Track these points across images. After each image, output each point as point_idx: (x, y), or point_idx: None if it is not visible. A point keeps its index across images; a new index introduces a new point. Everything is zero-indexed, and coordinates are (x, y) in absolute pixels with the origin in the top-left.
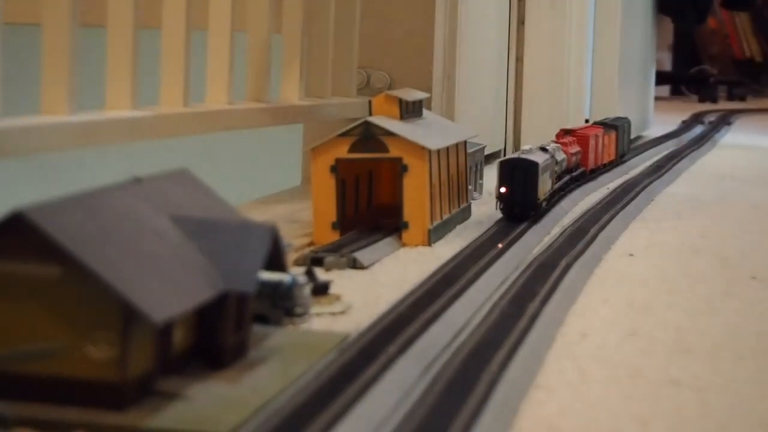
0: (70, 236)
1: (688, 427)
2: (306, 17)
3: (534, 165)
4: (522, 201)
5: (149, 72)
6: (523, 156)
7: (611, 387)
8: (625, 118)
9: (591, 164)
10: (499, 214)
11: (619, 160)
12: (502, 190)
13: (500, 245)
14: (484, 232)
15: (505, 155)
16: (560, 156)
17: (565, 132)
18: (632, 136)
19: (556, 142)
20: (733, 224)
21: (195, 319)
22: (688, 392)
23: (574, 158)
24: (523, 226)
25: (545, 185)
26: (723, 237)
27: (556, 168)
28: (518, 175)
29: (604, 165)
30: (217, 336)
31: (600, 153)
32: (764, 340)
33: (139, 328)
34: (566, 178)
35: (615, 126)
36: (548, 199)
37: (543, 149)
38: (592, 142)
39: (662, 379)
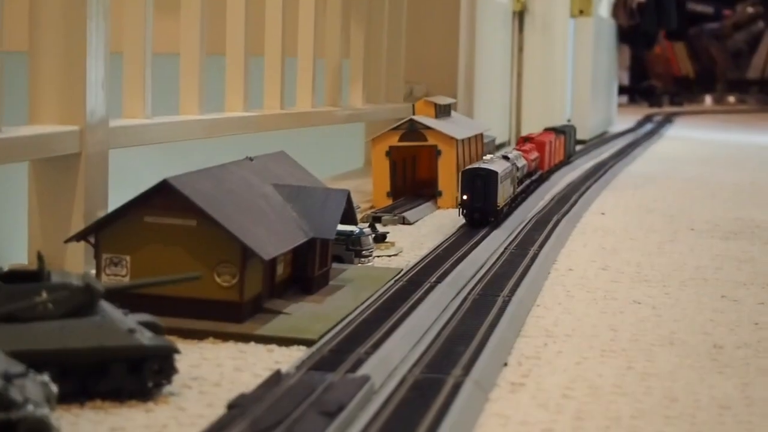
0: (203, 198)
1: (647, 334)
2: (366, 47)
3: (493, 174)
4: (482, 207)
5: (256, 85)
6: (484, 165)
7: (591, 305)
8: (571, 125)
9: (546, 166)
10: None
11: (567, 160)
12: (464, 197)
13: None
14: None
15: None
16: (521, 162)
17: (525, 139)
18: (599, 132)
19: (517, 149)
20: (675, 192)
21: (291, 258)
22: (647, 309)
23: (533, 163)
24: (528, 196)
25: (505, 192)
26: (668, 200)
27: (518, 174)
28: (479, 183)
29: (556, 165)
30: (307, 270)
31: (553, 156)
32: (701, 272)
33: (252, 263)
34: (527, 181)
35: (564, 131)
36: (510, 203)
37: (505, 158)
38: (547, 147)
39: (627, 299)
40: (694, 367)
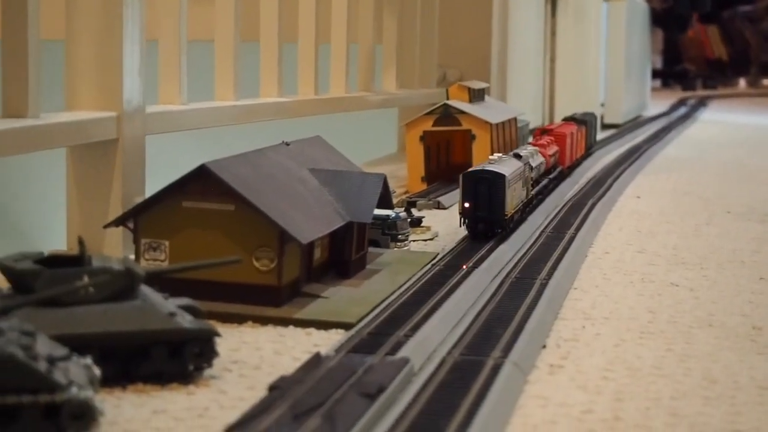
0: (241, 182)
1: (685, 316)
2: (399, 32)
3: (499, 178)
4: (487, 217)
5: (290, 71)
6: (489, 167)
7: (628, 288)
8: (592, 113)
9: (567, 161)
10: None
11: (587, 153)
12: (466, 205)
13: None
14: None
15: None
16: (537, 160)
17: (542, 131)
18: (633, 116)
19: (533, 144)
20: (710, 174)
21: (329, 242)
22: (684, 291)
23: (552, 159)
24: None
25: (515, 198)
26: (704, 183)
27: (532, 174)
28: (483, 189)
29: (577, 160)
30: (345, 254)
31: (574, 149)
32: (738, 254)
33: (290, 247)
34: (544, 181)
35: (585, 121)
36: (522, 209)
37: (516, 156)
38: (568, 141)
39: (664, 282)
40: (733, 349)
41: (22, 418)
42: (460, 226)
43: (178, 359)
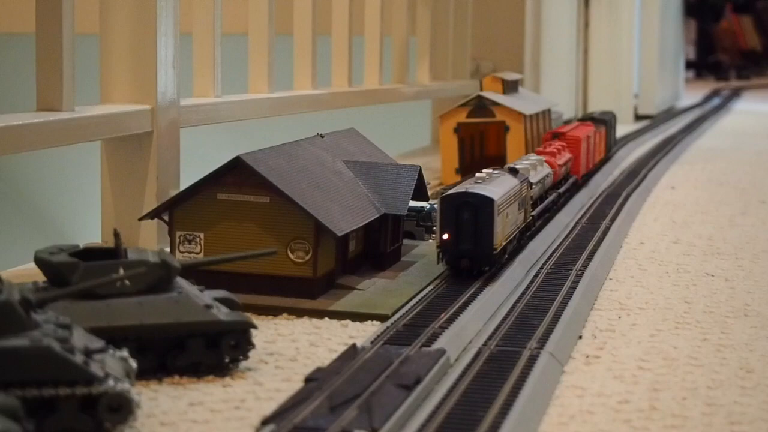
0: (276, 174)
1: (720, 306)
2: (432, 24)
3: (487, 202)
4: (471, 251)
5: (324, 63)
6: (474, 189)
7: (663, 278)
8: (611, 112)
9: (583, 170)
10: None
11: (607, 156)
12: (444, 236)
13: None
14: None
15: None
16: (541, 173)
17: (554, 135)
18: (667, 107)
19: (541, 152)
20: (745, 165)
21: (364, 234)
22: (719, 281)
23: (563, 169)
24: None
25: (507, 226)
26: (738, 174)
27: (533, 191)
28: (466, 216)
29: (595, 166)
30: (380, 246)
31: (591, 155)
32: None
33: (325, 239)
34: (553, 195)
35: (604, 120)
36: (518, 237)
37: (512, 171)
38: (584, 145)
39: (700, 272)
40: None
41: (59, 410)
42: (438, 262)
43: (215, 351)
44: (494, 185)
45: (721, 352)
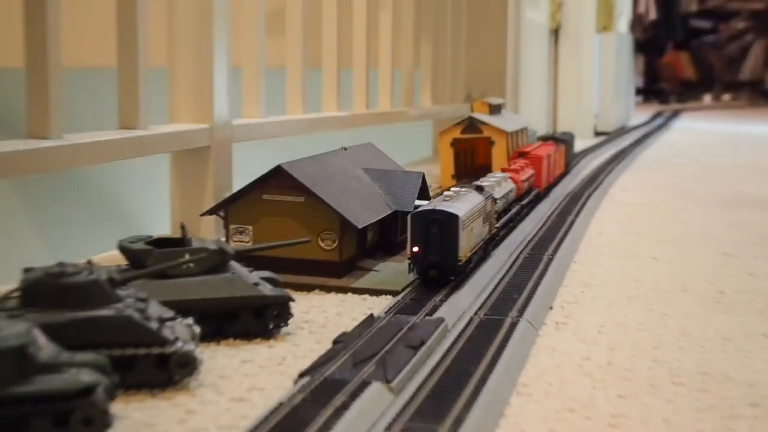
0: (309, 179)
1: (664, 283)
2: (433, 59)
3: (452, 219)
4: (439, 263)
5: (346, 90)
6: (441, 207)
7: (618, 261)
8: (570, 132)
9: (545, 183)
10: None
11: (566, 170)
12: (414, 249)
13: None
14: None
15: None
16: (504, 189)
17: (519, 154)
18: (620, 125)
19: (506, 170)
20: (683, 170)
21: (378, 227)
22: (663, 264)
23: (526, 184)
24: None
25: (472, 239)
26: (677, 177)
27: (497, 206)
28: (434, 231)
29: (555, 179)
30: (391, 236)
31: (551, 170)
32: (707, 234)
33: (348, 231)
34: (515, 207)
35: (564, 140)
36: (484, 246)
37: (478, 188)
38: (545, 163)
39: (647, 256)
40: (702, 309)
41: (138, 366)
42: (409, 272)
43: (261, 320)
44: (460, 202)
45: (664, 320)
